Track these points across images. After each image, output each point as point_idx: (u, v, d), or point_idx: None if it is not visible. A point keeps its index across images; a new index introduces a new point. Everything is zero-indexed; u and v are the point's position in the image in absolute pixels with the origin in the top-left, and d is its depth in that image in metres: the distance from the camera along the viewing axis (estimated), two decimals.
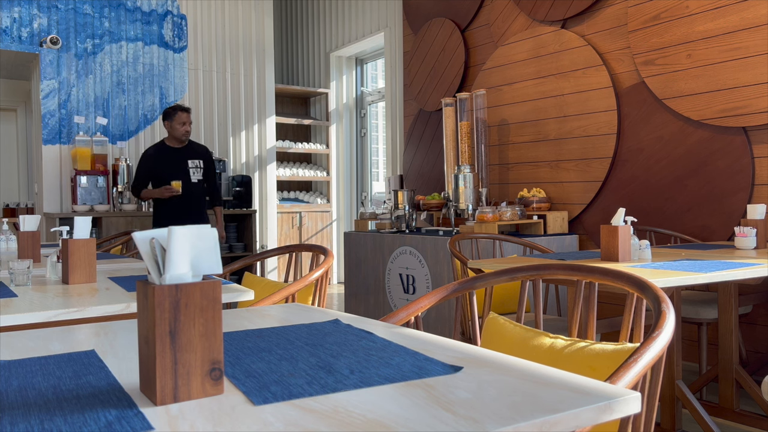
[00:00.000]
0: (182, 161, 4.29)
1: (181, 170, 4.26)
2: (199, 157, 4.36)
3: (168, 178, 4.22)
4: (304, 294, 2.04)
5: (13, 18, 4.91)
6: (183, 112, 4.24)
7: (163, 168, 4.24)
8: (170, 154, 4.27)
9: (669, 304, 1.11)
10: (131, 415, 0.68)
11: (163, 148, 4.30)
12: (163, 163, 4.24)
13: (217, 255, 0.76)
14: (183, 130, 4.23)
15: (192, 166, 4.32)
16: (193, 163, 4.32)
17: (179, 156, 4.29)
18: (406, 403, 0.71)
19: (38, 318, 1.32)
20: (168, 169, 4.24)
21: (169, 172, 4.24)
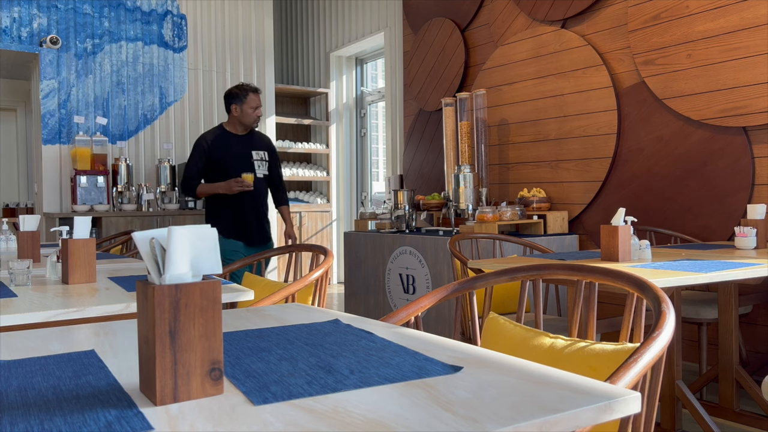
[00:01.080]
0: (247, 152, 3.63)
1: (247, 163, 3.61)
2: (264, 147, 3.72)
3: (232, 171, 3.54)
4: (304, 294, 2.04)
5: (13, 18, 4.91)
6: (254, 94, 3.61)
7: (225, 159, 3.56)
8: (234, 143, 3.61)
9: (669, 304, 1.11)
10: (131, 415, 0.68)
11: (224, 135, 3.61)
12: (225, 152, 3.57)
13: (217, 255, 0.76)
14: (255, 116, 3.59)
15: (257, 158, 3.64)
16: (258, 154, 3.66)
17: (244, 145, 3.64)
18: (406, 403, 0.71)
19: (38, 318, 1.32)
20: (232, 160, 3.57)
21: (234, 163, 3.56)
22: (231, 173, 3.53)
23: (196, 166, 3.58)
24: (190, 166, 3.59)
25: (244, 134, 3.65)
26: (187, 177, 3.60)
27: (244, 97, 3.58)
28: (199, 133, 5.79)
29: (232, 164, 3.55)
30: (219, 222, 3.58)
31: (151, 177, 5.46)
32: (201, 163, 3.58)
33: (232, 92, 3.61)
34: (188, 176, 3.60)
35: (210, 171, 3.60)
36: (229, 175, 3.53)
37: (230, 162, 3.55)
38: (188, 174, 3.60)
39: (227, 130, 3.64)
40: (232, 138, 3.62)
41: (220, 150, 3.57)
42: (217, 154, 3.57)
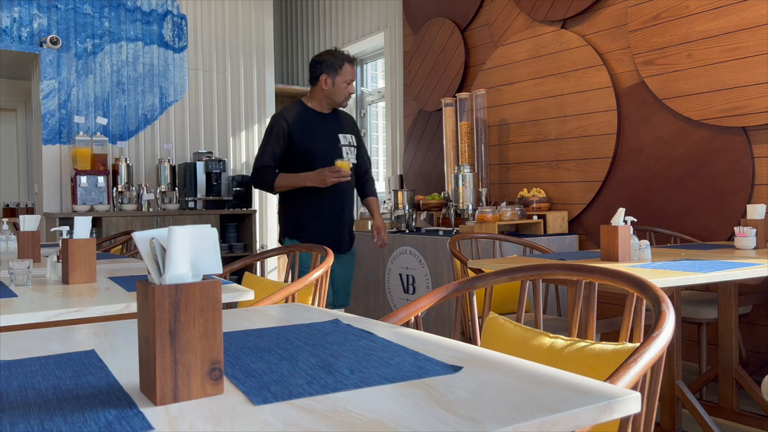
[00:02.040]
0: (334, 135, 2.96)
1: (334, 148, 2.94)
2: (351, 130, 3.07)
3: (317, 159, 2.85)
4: (304, 294, 2.04)
5: (13, 18, 4.92)
6: (350, 65, 2.95)
7: (309, 143, 2.88)
8: (318, 124, 2.93)
9: (669, 304, 1.11)
10: (131, 415, 0.69)
11: (307, 113, 2.93)
12: (309, 135, 2.89)
13: (217, 255, 0.77)
14: (347, 92, 2.94)
15: (344, 143, 2.97)
16: (345, 138, 3.00)
17: (330, 127, 2.96)
18: (406, 403, 0.71)
19: (38, 318, 1.32)
20: (318, 145, 2.89)
21: (320, 150, 2.88)
22: (315, 162, 2.83)
23: (273, 152, 2.86)
24: (265, 152, 2.87)
25: (328, 113, 2.98)
26: (261, 166, 2.88)
27: (339, 67, 2.90)
28: (199, 133, 5.79)
29: (318, 151, 2.86)
30: (299, 225, 2.91)
31: (152, 177, 5.46)
32: (279, 149, 2.86)
33: (324, 59, 2.91)
34: (262, 165, 2.87)
35: (288, 159, 2.89)
36: (313, 164, 2.82)
37: (316, 148, 2.86)
38: (262, 162, 2.87)
39: (309, 108, 2.94)
40: (317, 117, 2.94)
41: (303, 132, 2.86)
42: (300, 136, 2.85)
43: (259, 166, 2.89)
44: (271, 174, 2.88)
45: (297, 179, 2.84)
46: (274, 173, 2.89)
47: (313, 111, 2.96)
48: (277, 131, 2.88)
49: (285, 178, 2.88)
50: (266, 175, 2.88)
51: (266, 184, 2.90)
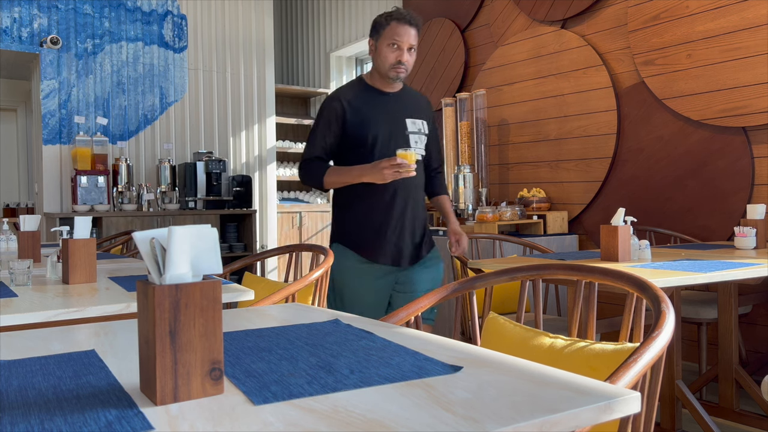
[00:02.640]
0: (399, 119, 2.39)
1: (401, 135, 2.38)
2: (422, 115, 2.47)
3: (378, 148, 2.32)
4: (304, 294, 2.04)
5: (13, 18, 4.92)
6: (399, 24, 2.32)
7: (369, 128, 2.32)
8: (380, 104, 2.37)
9: (669, 304, 1.12)
10: (131, 414, 0.69)
11: (366, 92, 2.38)
12: (368, 118, 2.33)
13: (217, 255, 0.77)
14: (393, 59, 2.29)
15: (413, 130, 2.40)
16: (415, 124, 2.41)
17: (394, 109, 2.39)
18: (406, 403, 0.71)
19: (38, 318, 1.32)
20: (378, 129, 2.33)
21: (383, 135, 2.33)
22: (375, 153, 2.30)
23: (324, 141, 2.34)
24: (315, 141, 2.36)
25: (393, 92, 2.39)
26: (309, 158, 2.36)
27: (383, 26, 2.32)
28: (199, 133, 5.79)
29: (379, 138, 2.30)
30: (349, 230, 2.37)
31: (152, 177, 5.46)
32: (332, 136, 2.34)
33: (374, 20, 2.39)
34: (311, 157, 2.36)
35: (343, 149, 2.36)
36: (372, 155, 2.29)
37: (376, 135, 2.30)
38: (311, 153, 2.36)
39: (369, 85, 2.39)
40: (378, 96, 2.37)
41: (360, 115, 2.31)
42: (357, 121, 2.31)
43: (306, 158, 2.37)
44: (321, 167, 2.35)
45: (350, 174, 2.28)
46: (324, 166, 2.35)
47: (374, 89, 2.36)
48: (329, 115, 2.33)
49: (336, 173, 2.32)
50: (315, 168, 2.35)
51: (314, 179, 2.35)
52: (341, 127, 2.33)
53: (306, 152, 2.39)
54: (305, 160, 2.39)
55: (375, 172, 2.20)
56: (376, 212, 2.34)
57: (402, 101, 2.42)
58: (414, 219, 2.41)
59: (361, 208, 2.35)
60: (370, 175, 2.22)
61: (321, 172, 2.35)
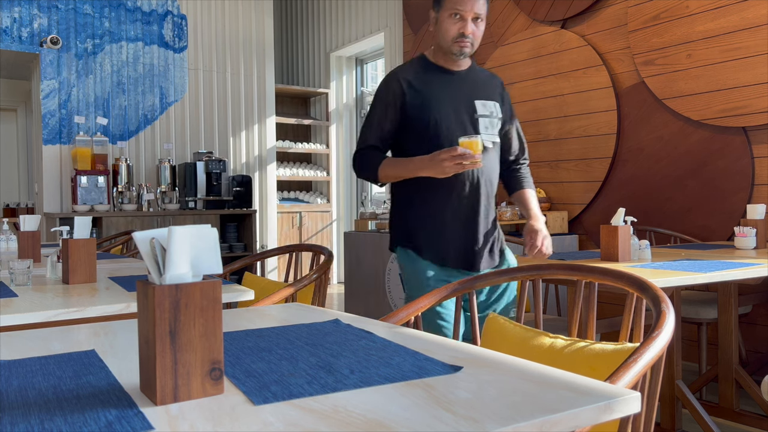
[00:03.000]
0: (467, 101, 2.05)
1: (467, 120, 2.03)
2: (494, 95, 2.12)
3: (445, 133, 1.99)
4: (304, 294, 2.04)
5: (13, 18, 4.92)
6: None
7: (430, 110, 2.00)
8: (444, 84, 2.05)
9: (669, 304, 1.12)
10: (131, 414, 0.69)
11: (429, 70, 2.07)
12: (430, 99, 2.01)
13: (217, 255, 0.77)
14: (455, 32, 1.97)
15: (484, 113, 2.06)
16: (486, 107, 2.07)
17: (461, 89, 2.06)
18: (406, 403, 0.71)
19: (38, 318, 1.32)
20: (441, 112, 2.00)
21: (446, 119, 2.00)
22: (439, 140, 1.98)
23: (380, 128, 2.05)
24: (370, 128, 2.07)
25: (459, 70, 2.07)
26: (363, 148, 2.07)
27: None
28: (199, 133, 5.79)
29: (443, 122, 1.99)
30: (411, 231, 2.04)
31: (152, 177, 5.46)
32: (390, 122, 2.04)
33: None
34: (365, 147, 2.07)
35: (403, 136, 2.05)
36: (435, 143, 1.97)
37: (440, 118, 1.99)
38: (365, 142, 2.07)
39: (431, 62, 2.08)
40: (442, 76, 2.06)
41: (421, 96, 2.01)
42: (417, 103, 2.01)
43: (360, 148, 2.07)
44: (375, 158, 2.03)
45: (406, 167, 1.98)
46: (379, 157, 2.03)
47: (438, 67, 2.06)
48: (386, 97, 2.04)
49: (392, 165, 2.02)
50: (369, 159, 2.04)
51: (368, 171, 2.05)
52: (400, 111, 2.03)
53: (360, 141, 2.08)
54: (359, 150, 2.07)
55: (434, 165, 1.88)
56: (439, 211, 2.01)
57: (470, 81, 2.09)
58: (486, 219, 2.05)
59: (421, 206, 2.03)
60: (429, 168, 1.90)
61: (376, 164, 2.02)
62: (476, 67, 2.15)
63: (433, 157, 1.88)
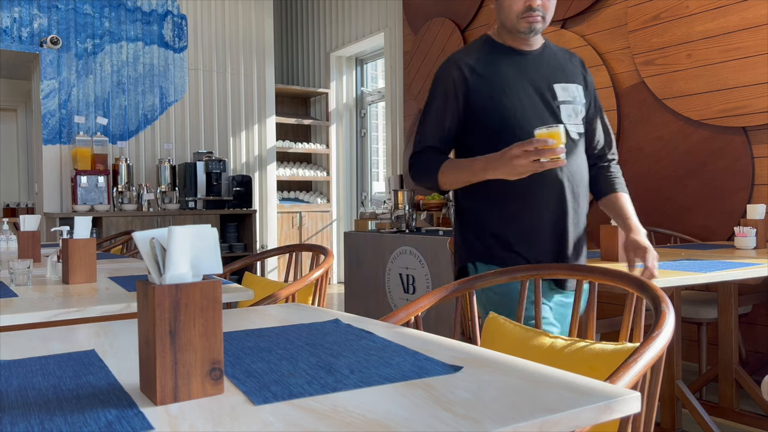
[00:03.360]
0: (544, 85, 1.75)
1: (546, 108, 1.73)
2: (575, 77, 1.82)
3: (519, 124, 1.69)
4: (304, 294, 2.04)
5: (13, 18, 4.92)
6: None
7: (501, 97, 1.71)
8: (515, 67, 1.75)
9: (669, 304, 1.12)
10: (131, 414, 0.69)
11: (495, 51, 1.77)
12: (500, 86, 1.72)
13: (217, 255, 0.77)
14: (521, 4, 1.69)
15: (564, 99, 1.76)
16: (566, 91, 1.77)
17: (534, 72, 1.76)
18: (406, 403, 0.71)
19: (38, 318, 1.32)
20: (515, 100, 1.71)
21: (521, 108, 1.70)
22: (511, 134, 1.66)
23: (440, 125, 1.75)
24: (426, 126, 1.78)
25: (531, 50, 1.77)
26: (420, 150, 1.77)
27: None
28: (199, 133, 5.79)
29: (517, 112, 1.69)
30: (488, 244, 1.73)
31: (152, 177, 5.46)
32: (451, 118, 1.74)
33: None
34: (422, 148, 1.77)
35: (468, 132, 1.75)
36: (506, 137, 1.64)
37: (513, 107, 1.69)
38: (422, 143, 1.78)
39: (497, 43, 1.79)
40: (512, 57, 1.76)
41: (490, 82, 1.71)
42: (485, 91, 1.71)
43: (416, 151, 1.78)
44: (435, 161, 1.73)
45: (471, 167, 1.65)
46: (439, 159, 1.72)
47: (505, 48, 1.76)
48: (446, 87, 1.73)
49: (454, 168, 1.70)
50: (427, 162, 1.74)
51: (426, 177, 1.75)
52: (463, 103, 1.72)
53: (416, 143, 1.78)
54: (414, 154, 1.78)
55: (504, 164, 1.54)
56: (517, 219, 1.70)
57: (546, 61, 1.78)
58: (575, 226, 1.74)
59: (495, 214, 1.71)
60: (498, 168, 1.56)
61: (435, 168, 1.71)
62: (551, 45, 1.84)
63: (503, 154, 1.55)
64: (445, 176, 1.71)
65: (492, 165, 1.58)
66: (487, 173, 1.60)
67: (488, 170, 1.60)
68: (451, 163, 1.71)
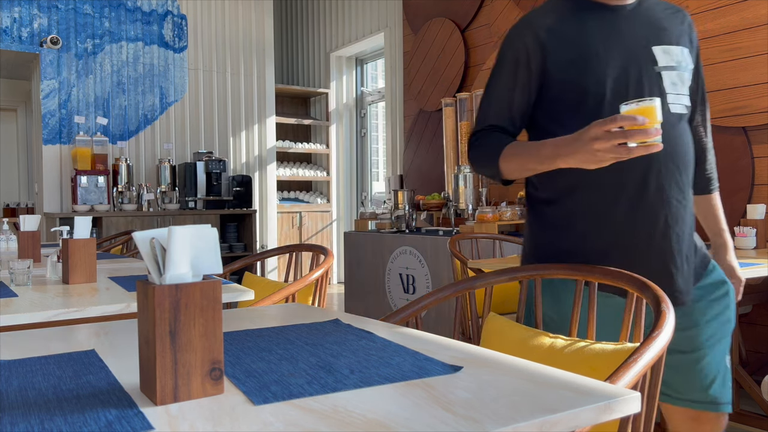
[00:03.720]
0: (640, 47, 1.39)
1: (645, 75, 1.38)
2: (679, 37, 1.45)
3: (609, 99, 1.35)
4: (304, 294, 2.04)
5: (13, 18, 4.92)
6: None
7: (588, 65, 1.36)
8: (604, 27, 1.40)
9: (669, 303, 1.12)
10: (131, 414, 0.69)
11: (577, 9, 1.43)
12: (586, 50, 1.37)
13: (217, 255, 0.77)
14: None
15: (666, 64, 1.39)
16: (669, 54, 1.41)
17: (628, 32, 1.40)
18: (406, 403, 0.71)
19: (38, 318, 1.32)
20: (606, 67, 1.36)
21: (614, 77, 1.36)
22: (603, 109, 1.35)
23: (508, 98, 1.45)
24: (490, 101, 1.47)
25: (623, 4, 1.43)
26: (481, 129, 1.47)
27: None
28: (199, 133, 5.79)
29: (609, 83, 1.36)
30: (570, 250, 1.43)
31: (152, 177, 5.46)
32: (521, 89, 1.43)
33: None
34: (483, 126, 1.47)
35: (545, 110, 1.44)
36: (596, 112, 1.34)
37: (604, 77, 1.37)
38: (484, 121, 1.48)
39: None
40: (600, 14, 1.43)
41: (573, 46, 1.39)
42: (567, 56, 1.39)
43: (476, 131, 1.48)
44: (497, 143, 1.41)
45: (539, 153, 1.30)
46: (502, 142, 1.41)
47: (590, 3, 1.43)
48: (516, 55, 1.42)
49: (517, 153, 1.36)
50: (487, 145, 1.43)
51: (486, 163, 1.43)
52: (538, 73, 1.40)
53: (477, 120, 1.49)
54: (474, 134, 1.48)
55: (580, 149, 1.19)
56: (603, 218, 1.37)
57: (643, 19, 1.42)
58: (684, 223, 1.40)
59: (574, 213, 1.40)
60: (572, 154, 1.21)
61: (496, 152, 1.39)
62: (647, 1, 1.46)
63: (579, 136, 1.19)
64: (508, 163, 1.37)
65: (564, 150, 1.23)
66: (558, 160, 1.26)
67: (559, 156, 1.25)
68: (515, 147, 1.37)
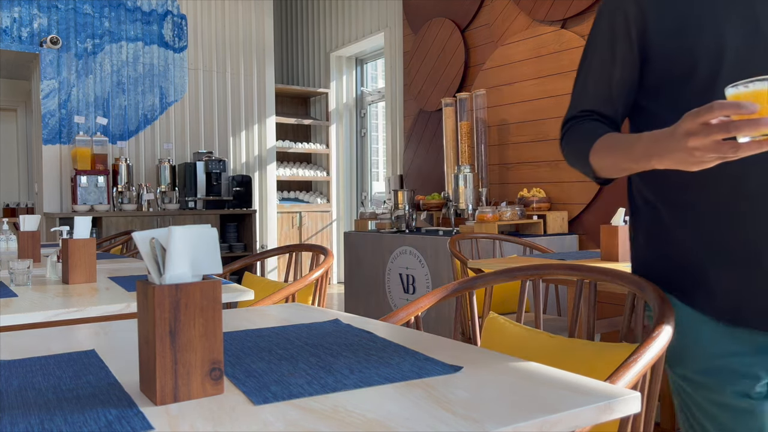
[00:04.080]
0: (760, 12, 1.04)
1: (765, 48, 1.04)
2: None
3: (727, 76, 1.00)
4: (304, 294, 2.04)
5: (13, 18, 4.92)
6: None
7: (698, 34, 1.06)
8: None
9: (669, 303, 1.11)
10: (131, 414, 0.69)
11: None
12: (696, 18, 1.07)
13: (217, 255, 0.77)
14: None
15: None
16: None
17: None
18: (406, 403, 0.71)
19: (38, 318, 1.32)
20: (720, 37, 1.05)
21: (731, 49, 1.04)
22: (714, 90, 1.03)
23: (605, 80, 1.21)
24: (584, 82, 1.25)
25: None
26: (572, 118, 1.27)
27: None
28: (199, 133, 5.79)
29: (726, 56, 1.05)
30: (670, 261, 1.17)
31: (152, 177, 5.46)
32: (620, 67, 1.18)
33: None
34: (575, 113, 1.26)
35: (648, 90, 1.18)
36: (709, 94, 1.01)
37: (719, 48, 1.06)
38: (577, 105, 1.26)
39: None
40: None
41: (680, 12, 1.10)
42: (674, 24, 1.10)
43: (569, 117, 1.28)
44: (588, 134, 1.20)
45: (631, 150, 1.06)
46: (595, 133, 1.19)
47: None
48: (614, 25, 1.18)
49: (607, 148, 1.14)
50: (578, 136, 1.23)
51: (577, 156, 1.24)
52: (640, 44, 1.16)
53: (570, 105, 1.29)
54: (566, 122, 1.29)
55: (674, 146, 0.94)
56: (722, 222, 1.09)
57: None
58: None
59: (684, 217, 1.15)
60: (667, 153, 0.96)
61: (586, 145, 1.18)
62: None
63: (673, 131, 0.94)
64: (600, 159, 1.15)
65: (658, 148, 0.98)
66: (652, 160, 1.00)
67: (653, 156, 0.99)
68: (608, 141, 1.14)
